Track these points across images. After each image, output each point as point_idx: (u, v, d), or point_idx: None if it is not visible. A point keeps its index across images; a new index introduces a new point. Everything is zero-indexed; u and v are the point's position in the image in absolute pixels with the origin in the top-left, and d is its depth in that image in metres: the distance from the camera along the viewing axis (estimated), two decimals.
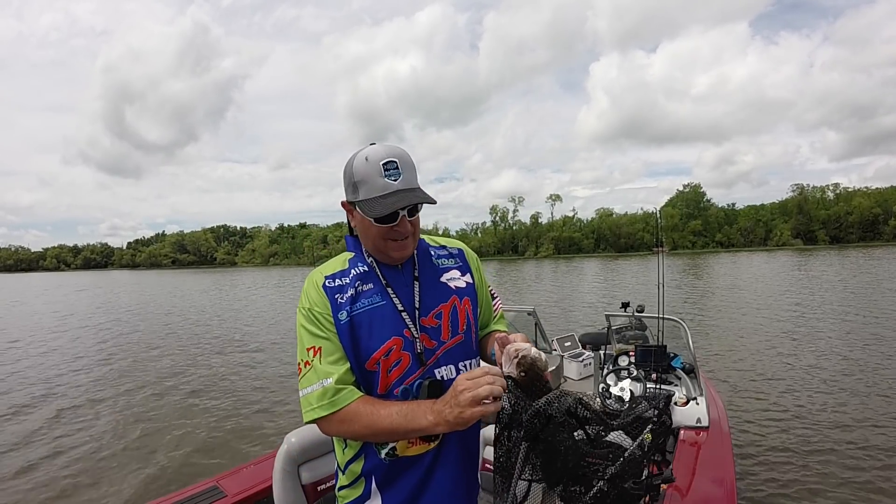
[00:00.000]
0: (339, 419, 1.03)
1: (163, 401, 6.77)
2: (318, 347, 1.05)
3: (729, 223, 78.89)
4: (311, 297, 1.10)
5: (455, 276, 1.22)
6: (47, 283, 49.83)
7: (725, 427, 2.90)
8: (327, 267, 1.16)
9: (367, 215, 1.04)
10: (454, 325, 1.16)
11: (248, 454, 4.79)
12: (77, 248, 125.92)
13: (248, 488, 2.03)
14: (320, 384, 1.03)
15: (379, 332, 1.08)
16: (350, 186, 1.09)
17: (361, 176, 1.05)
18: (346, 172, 1.09)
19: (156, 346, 10.98)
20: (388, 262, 1.15)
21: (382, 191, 1.04)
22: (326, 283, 1.11)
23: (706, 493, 2.17)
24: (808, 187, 79.57)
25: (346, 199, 1.13)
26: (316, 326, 1.07)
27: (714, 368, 6.99)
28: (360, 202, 1.06)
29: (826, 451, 4.25)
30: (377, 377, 1.07)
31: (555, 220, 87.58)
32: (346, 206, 1.14)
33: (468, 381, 0.93)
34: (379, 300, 1.11)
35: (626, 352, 3.53)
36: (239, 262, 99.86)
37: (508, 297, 18.81)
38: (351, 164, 1.08)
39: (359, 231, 1.15)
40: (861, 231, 72.22)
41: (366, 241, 1.14)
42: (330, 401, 1.02)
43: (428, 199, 1.06)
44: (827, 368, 6.84)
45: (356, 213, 1.10)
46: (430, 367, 1.10)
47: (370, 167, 1.04)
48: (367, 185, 1.05)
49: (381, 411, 1.01)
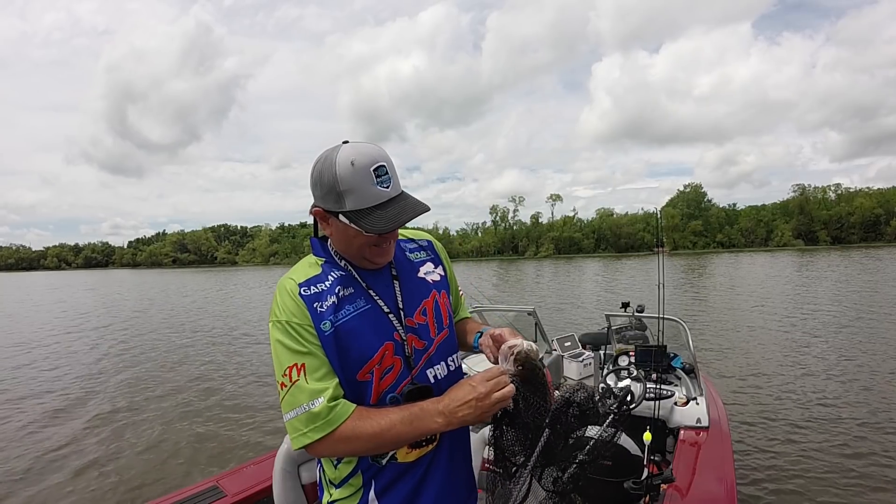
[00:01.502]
0: (336, 439, 0.95)
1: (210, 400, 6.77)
2: (300, 364, 0.95)
3: (730, 223, 78.86)
4: (287, 308, 0.99)
5: (430, 269, 1.19)
6: (53, 282, 49.67)
7: (725, 427, 2.90)
8: (297, 273, 1.05)
9: (363, 229, 0.96)
10: (439, 321, 1.13)
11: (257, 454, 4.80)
12: (78, 248, 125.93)
13: (248, 488, 2.02)
14: (309, 405, 0.94)
15: (370, 338, 1.02)
16: (331, 195, 0.97)
17: (349, 185, 0.94)
18: (325, 179, 0.96)
19: (182, 346, 11.00)
20: (368, 267, 1.08)
21: (375, 200, 0.96)
22: (302, 291, 1.01)
23: (706, 493, 2.16)
24: (809, 187, 79.60)
25: (321, 206, 1.01)
26: (295, 340, 0.97)
27: (714, 368, 6.99)
28: (349, 213, 0.96)
29: (827, 451, 4.25)
30: (370, 387, 1.01)
31: (555, 220, 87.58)
32: (321, 213, 1.02)
33: (490, 383, 0.95)
34: (363, 304, 1.03)
35: (626, 352, 3.53)
36: (239, 261, 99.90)
37: (509, 297, 18.81)
38: (333, 171, 0.95)
39: (336, 239, 1.05)
40: (863, 232, 72.15)
41: (345, 248, 1.06)
42: (324, 421, 0.94)
43: (425, 209, 1.00)
44: (828, 368, 6.83)
45: (335, 222, 1.01)
46: (423, 367, 1.07)
47: (359, 174, 0.94)
48: (355, 194, 0.95)
49: (381, 422, 0.95)
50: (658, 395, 2.93)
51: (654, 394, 2.95)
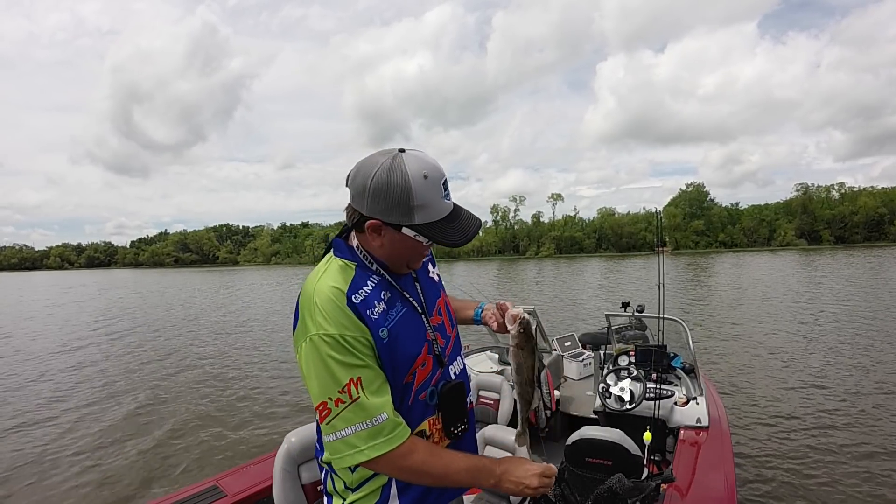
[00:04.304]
0: (397, 458, 0.94)
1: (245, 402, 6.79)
2: (356, 378, 0.91)
3: (732, 223, 78.58)
4: (335, 319, 0.92)
5: (430, 268, 1.22)
6: (60, 282, 49.45)
7: (725, 427, 2.89)
8: (334, 278, 0.97)
9: (441, 243, 0.95)
10: (451, 319, 1.19)
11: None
12: (81, 247, 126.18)
13: (248, 488, 2.03)
14: (373, 421, 0.92)
15: (414, 340, 1.03)
16: (399, 208, 0.91)
17: (424, 199, 0.91)
18: (394, 193, 0.90)
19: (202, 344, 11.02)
20: (402, 272, 1.07)
21: (443, 213, 0.95)
22: (353, 299, 0.95)
23: (706, 492, 2.16)
24: (812, 186, 79.27)
25: (381, 219, 0.94)
26: (351, 354, 0.92)
27: (714, 368, 6.98)
28: (419, 227, 0.93)
29: (827, 451, 4.24)
30: (411, 388, 1.02)
31: (556, 220, 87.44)
32: (379, 226, 0.95)
33: (545, 481, 1.04)
34: (402, 307, 1.03)
35: (626, 352, 3.53)
36: (241, 261, 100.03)
37: (509, 296, 18.79)
38: (406, 185, 0.89)
39: (383, 246, 0.99)
40: (866, 231, 71.83)
41: (389, 255, 1.01)
42: (389, 437, 0.93)
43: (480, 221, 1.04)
44: (829, 368, 6.82)
45: (391, 233, 0.96)
46: (447, 365, 1.11)
47: (432, 188, 0.92)
48: (428, 208, 0.92)
49: (450, 466, 0.98)
50: (658, 394, 2.93)
51: (654, 394, 2.95)
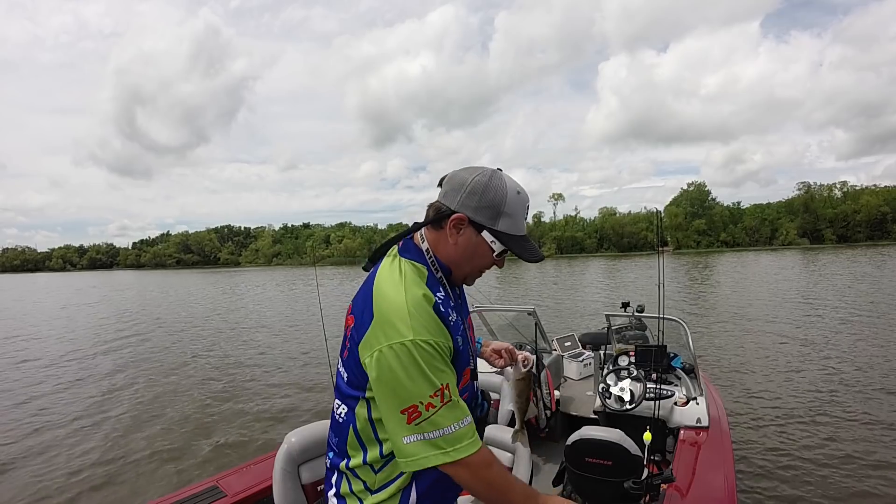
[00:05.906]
0: (481, 464, 0.94)
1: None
2: (445, 383, 0.93)
3: (734, 222, 78.37)
4: (427, 326, 0.93)
5: None
6: (67, 284, 49.30)
7: (725, 427, 2.89)
8: (418, 284, 0.98)
9: (518, 255, 1.00)
10: (472, 332, 1.22)
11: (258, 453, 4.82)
12: (83, 249, 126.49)
13: (248, 488, 2.04)
14: (460, 424, 0.93)
15: (466, 348, 1.06)
16: (490, 210, 0.98)
17: (512, 210, 0.99)
18: (491, 194, 0.97)
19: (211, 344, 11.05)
20: (466, 284, 1.12)
21: (520, 231, 1.02)
22: (440, 307, 0.97)
23: (706, 493, 2.16)
24: (814, 185, 79.07)
25: (470, 216, 0.99)
26: (441, 360, 0.94)
27: (714, 368, 6.97)
28: (500, 234, 0.99)
29: (828, 451, 4.23)
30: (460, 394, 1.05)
31: (557, 220, 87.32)
32: (463, 220, 0.99)
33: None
34: (457, 317, 1.05)
35: (626, 352, 3.53)
36: (242, 262, 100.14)
37: (509, 296, 18.79)
38: (503, 191, 0.98)
39: (456, 248, 1.02)
40: (869, 230, 71.63)
41: (459, 259, 1.03)
42: (472, 440, 0.94)
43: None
44: (829, 368, 6.80)
45: (471, 233, 1.00)
46: (478, 378, 1.17)
47: (520, 204, 1.00)
48: (511, 219, 0.99)
49: (514, 484, 0.98)
50: (658, 394, 2.93)
51: (654, 394, 2.95)
